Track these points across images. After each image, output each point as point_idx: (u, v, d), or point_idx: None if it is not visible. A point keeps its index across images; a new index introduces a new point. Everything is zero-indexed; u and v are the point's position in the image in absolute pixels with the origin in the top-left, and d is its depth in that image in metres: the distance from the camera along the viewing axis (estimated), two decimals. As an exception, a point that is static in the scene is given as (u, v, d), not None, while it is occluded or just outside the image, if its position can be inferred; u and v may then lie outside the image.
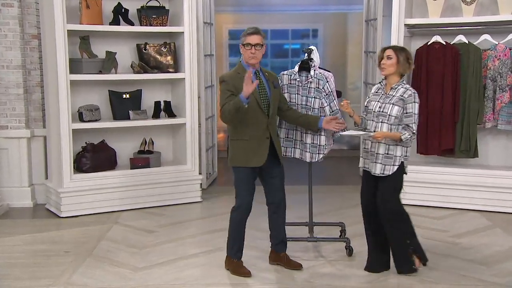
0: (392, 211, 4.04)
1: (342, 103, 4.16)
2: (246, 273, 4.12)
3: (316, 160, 4.48)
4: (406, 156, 4.03)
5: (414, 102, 3.93)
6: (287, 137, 4.55)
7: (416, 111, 3.94)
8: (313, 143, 4.45)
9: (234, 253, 4.17)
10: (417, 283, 3.99)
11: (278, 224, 4.25)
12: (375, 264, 4.18)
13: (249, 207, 4.11)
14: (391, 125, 3.96)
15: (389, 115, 3.95)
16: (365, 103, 4.19)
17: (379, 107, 4.01)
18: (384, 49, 4.01)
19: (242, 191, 4.09)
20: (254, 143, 4.02)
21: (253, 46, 3.96)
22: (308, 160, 4.51)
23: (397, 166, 3.99)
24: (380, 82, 4.15)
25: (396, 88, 3.99)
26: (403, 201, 6.04)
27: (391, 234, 4.06)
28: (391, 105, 3.95)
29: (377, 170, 4.01)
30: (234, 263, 4.17)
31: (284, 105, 4.28)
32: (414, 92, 3.96)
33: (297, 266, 4.23)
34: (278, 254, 4.30)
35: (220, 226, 5.11)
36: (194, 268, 4.31)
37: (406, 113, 3.95)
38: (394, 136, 3.94)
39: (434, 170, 5.90)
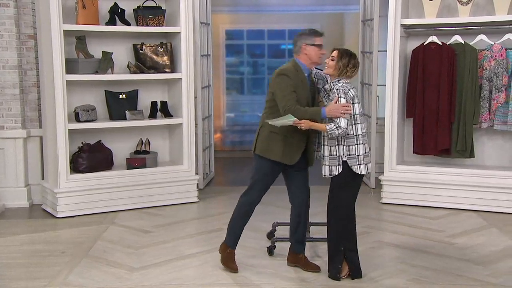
0: (333, 209, 4.01)
1: None
2: (234, 269, 4.18)
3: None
4: (351, 155, 3.95)
5: (338, 97, 3.89)
6: None
7: None
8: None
9: (229, 240, 4.21)
10: (412, 283, 3.99)
11: (298, 222, 4.24)
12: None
13: (259, 200, 4.17)
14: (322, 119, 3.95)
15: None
16: None
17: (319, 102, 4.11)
18: (334, 49, 4.02)
19: (260, 182, 4.12)
20: (292, 141, 4.03)
21: (322, 47, 4.04)
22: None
23: (341, 166, 3.96)
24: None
25: (332, 87, 4.00)
26: (401, 201, 6.09)
27: (328, 233, 4.06)
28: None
29: (325, 172, 4.01)
30: (227, 252, 4.21)
31: None
32: (337, 89, 3.91)
33: (315, 269, 4.19)
34: (297, 255, 4.28)
35: (216, 226, 5.12)
36: (190, 268, 4.31)
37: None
38: (319, 126, 3.91)
39: (430, 170, 5.91)
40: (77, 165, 5.72)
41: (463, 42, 5.74)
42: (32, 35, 5.98)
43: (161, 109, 6.15)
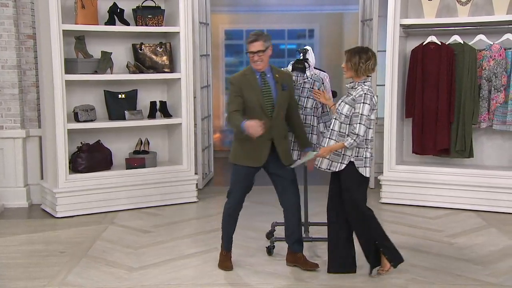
0: (351, 213, 4.04)
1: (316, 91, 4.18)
2: (226, 267, 4.23)
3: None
4: (358, 156, 3.96)
5: (363, 103, 3.89)
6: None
7: (365, 112, 3.88)
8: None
9: (223, 244, 4.28)
10: (412, 283, 4.00)
11: (292, 224, 4.26)
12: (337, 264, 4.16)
13: (239, 203, 4.21)
14: (341, 123, 3.97)
15: (340, 113, 3.98)
16: None
17: (339, 104, 4.06)
18: (345, 52, 4.06)
19: (235, 187, 4.19)
20: (255, 143, 4.03)
21: (255, 54, 4.00)
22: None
23: (345, 165, 3.97)
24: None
25: (356, 87, 4.00)
26: (401, 201, 6.09)
27: (357, 236, 4.10)
28: (344, 103, 3.99)
29: (323, 164, 4.03)
30: (223, 254, 4.29)
31: (290, 109, 4.20)
32: (365, 93, 3.91)
33: (314, 267, 4.21)
34: (295, 255, 4.29)
35: (215, 226, 5.11)
36: (189, 268, 4.31)
37: (354, 112, 3.93)
38: (338, 147, 3.94)
39: (429, 170, 5.92)
40: (76, 165, 5.72)
41: (462, 42, 5.75)
42: (31, 35, 5.98)
43: (160, 109, 6.15)
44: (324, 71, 4.59)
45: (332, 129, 4.01)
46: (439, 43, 5.78)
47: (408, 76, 5.98)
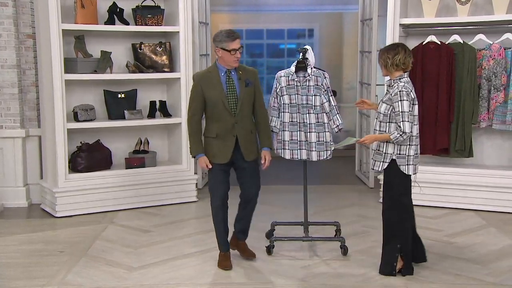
0: (387, 210, 4.10)
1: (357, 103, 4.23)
2: (225, 266, 4.25)
3: (324, 157, 4.48)
4: (400, 154, 4.00)
5: (400, 100, 3.91)
6: (292, 139, 4.53)
7: (405, 109, 3.90)
8: (318, 141, 4.46)
9: (219, 245, 4.32)
10: (411, 282, 4.00)
11: (244, 215, 4.38)
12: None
13: (221, 201, 4.23)
14: (380, 122, 4.02)
15: (379, 112, 4.04)
16: None
17: (378, 104, 4.11)
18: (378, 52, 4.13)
19: (212, 185, 4.26)
20: (220, 140, 4.14)
21: (237, 51, 4.04)
22: (315, 159, 4.51)
23: (387, 163, 4.01)
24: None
25: (393, 85, 4.04)
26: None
27: (384, 232, 4.13)
28: (382, 102, 4.05)
29: (371, 165, 4.13)
30: (221, 255, 4.32)
31: (255, 105, 4.24)
32: (400, 91, 3.93)
33: (251, 255, 4.39)
34: (237, 241, 4.45)
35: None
36: (189, 267, 4.32)
37: (395, 112, 3.96)
38: (383, 137, 3.98)
39: (429, 169, 5.91)
40: (76, 164, 5.73)
41: (462, 42, 5.75)
42: (31, 34, 5.98)
43: (160, 109, 6.15)
44: (324, 71, 4.59)
45: (374, 129, 4.09)
46: (439, 43, 5.78)
47: (408, 76, 5.97)
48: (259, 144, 4.34)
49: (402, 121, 3.90)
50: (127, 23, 5.94)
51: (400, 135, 3.91)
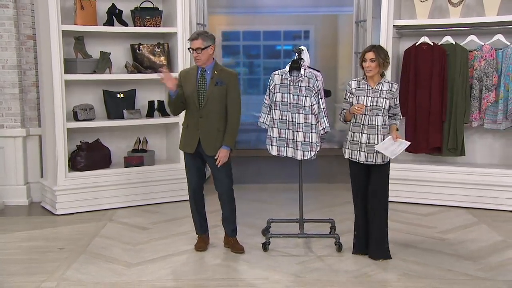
0: (386, 201, 4.39)
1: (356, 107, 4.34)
2: (199, 247, 4.60)
3: (308, 157, 4.56)
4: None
5: (398, 94, 4.40)
6: (280, 137, 4.62)
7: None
8: (304, 141, 4.54)
9: (195, 228, 4.69)
10: (404, 277, 4.07)
11: (226, 214, 4.60)
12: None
13: (196, 188, 4.56)
14: (383, 116, 4.31)
15: (383, 108, 4.29)
16: (349, 97, 4.36)
17: (371, 101, 4.28)
18: (365, 52, 4.28)
19: (187, 173, 4.57)
20: (188, 131, 4.47)
21: (194, 51, 4.31)
22: (299, 158, 4.57)
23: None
24: (359, 79, 4.38)
25: (381, 83, 4.32)
26: (394, 198, 6.16)
27: (379, 222, 4.37)
28: (384, 99, 4.29)
29: (379, 159, 4.32)
30: (198, 238, 4.68)
31: (227, 105, 4.42)
32: (398, 85, 4.44)
33: (240, 249, 4.56)
34: (228, 238, 4.67)
35: (212, 223, 5.16)
36: (187, 264, 4.37)
37: (395, 104, 4.38)
38: (395, 129, 4.38)
39: (422, 168, 5.99)
40: (75, 163, 5.78)
41: (454, 43, 5.81)
42: (31, 35, 6.04)
43: (158, 108, 6.21)
44: (319, 71, 4.66)
45: (376, 125, 4.30)
46: (432, 44, 5.85)
47: (401, 76, 6.05)
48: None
49: (400, 111, 4.46)
50: (126, 24, 6.00)
51: (400, 119, 4.48)
